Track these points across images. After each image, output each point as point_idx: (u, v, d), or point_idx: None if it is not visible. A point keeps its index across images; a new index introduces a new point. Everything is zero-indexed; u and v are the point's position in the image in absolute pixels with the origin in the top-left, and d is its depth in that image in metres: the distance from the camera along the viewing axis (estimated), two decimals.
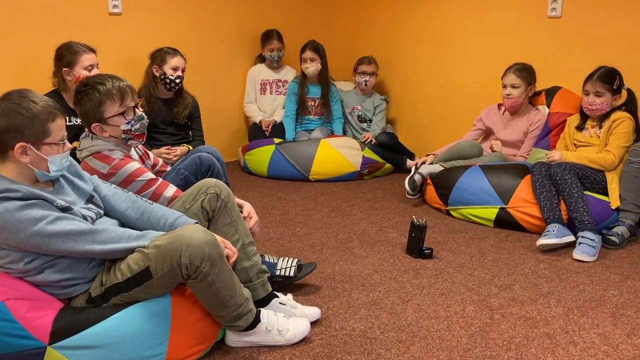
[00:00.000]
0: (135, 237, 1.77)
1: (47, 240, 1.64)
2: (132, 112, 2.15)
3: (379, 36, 4.83)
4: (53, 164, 1.73)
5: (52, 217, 1.65)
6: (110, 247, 1.73)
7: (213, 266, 1.72)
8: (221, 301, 1.80)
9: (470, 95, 4.23)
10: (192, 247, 1.68)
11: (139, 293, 1.76)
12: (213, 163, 2.57)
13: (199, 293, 1.80)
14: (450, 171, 3.45)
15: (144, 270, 1.72)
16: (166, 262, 1.69)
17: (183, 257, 1.68)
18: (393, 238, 3.01)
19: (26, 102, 1.68)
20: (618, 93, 3.10)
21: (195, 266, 1.69)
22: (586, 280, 2.52)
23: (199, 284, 1.74)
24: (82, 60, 2.96)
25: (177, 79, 3.53)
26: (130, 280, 1.74)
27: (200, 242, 1.69)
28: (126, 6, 3.92)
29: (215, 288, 1.77)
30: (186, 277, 1.72)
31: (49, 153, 1.72)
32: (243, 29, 4.60)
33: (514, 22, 3.92)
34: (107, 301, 1.77)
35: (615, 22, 3.44)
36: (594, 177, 3.05)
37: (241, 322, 1.88)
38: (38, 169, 1.72)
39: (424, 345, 1.99)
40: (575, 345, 1.99)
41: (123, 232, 1.77)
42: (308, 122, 4.54)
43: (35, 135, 1.69)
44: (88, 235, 1.69)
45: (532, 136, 3.60)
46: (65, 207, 1.72)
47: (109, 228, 1.76)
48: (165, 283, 1.75)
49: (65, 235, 1.66)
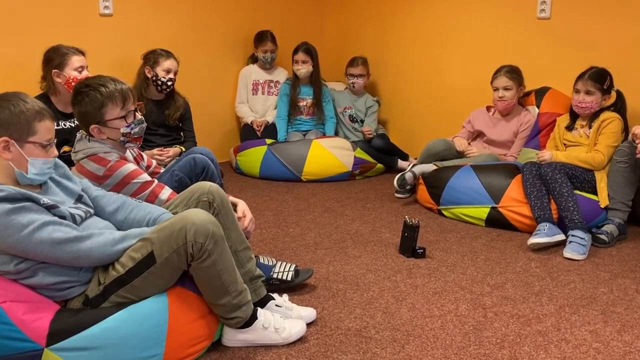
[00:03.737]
0: (119, 238, 1.76)
1: (33, 248, 1.65)
2: (133, 115, 2.16)
3: (370, 37, 4.85)
4: (33, 166, 1.73)
5: (38, 223, 1.64)
6: (96, 255, 1.72)
7: (216, 245, 1.76)
8: (223, 285, 1.82)
9: (461, 96, 4.26)
10: (196, 225, 1.72)
11: (141, 283, 1.75)
12: (207, 165, 2.57)
13: (201, 277, 1.80)
14: (442, 171, 3.47)
15: (147, 255, 1.73)
16: (171, 243, 1.72)
17: (188, 234, 1.71)
18: (386, 238, 3.03)
19: (17, 100, 1.71)
20: (608, 93, 3.15)
21: (200, 244, 1.72)
22: (577, 279, 2.56)
23: (202, 264, 1.76)
24: (72, 62, 2.94)
25: (169, 81, 3.53)
26: (132, 270, 1.74)
27: (204, 221, 1.74)
28: (117, 7, 3.91)
29: (218, 270, 1.79)
30: (190, 258, 1.74)
31: (32, 153, 1.72)
32: (235, 29, 4.60)
33: (503, 23, 3.96)
34: (106, 299, 1.77)
35: (604, 24, 3.48)
36: (584, 176, 3.09)
37: (240, 313, 1.88)
38: (18, 168, 1.72)
39: (418, 343, 2.01)
40: (567, 343, 2.02)
41: (105, 241, 1.75)
42: (300, 123, 4.55)
43: (20, 132, 1.70)
44: (74, 244, 1.68)
45: (522, 136, 3.64)
46: (51, 206, 1.72)
47: (93, 235, 1.73)
48: (168, 269, 1.76)
49: (50, 243, 1.65)
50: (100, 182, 2.08)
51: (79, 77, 2.88)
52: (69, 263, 1.72)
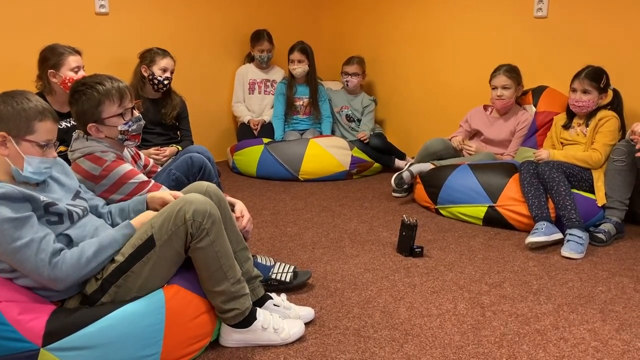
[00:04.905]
0: (92, 255, 1.73)
1: (17, 264, 1.65)
2: (130, 113, 2.15)
3: (366, 36, 4.85)
4: (29, 164, 1.72)
5: (26, 240, 1.62)
6: (72, 279, 1.71)
7: (214, 225, 1.80)
8: (221, 269, 1.83)
9: (458, 95, 4.26)
10: (195, 204, 1.77)
11: (140, 269, 1.76)
12: (204, 163, 2.56)
13: (200, 260, 1.81)
14: (440, 170, 3.47)
15: (147, 239, 1.76)
16: (170, 225, 1.76)
17: (187, 214, 1.75)
18: (383, 237, 3.03)
19: (21, 97, 1.72)
20: (604, 92, 3.15)
21: (199, 222, 1.76)
22: (575, 277, 2.55)
23: (200, 244, 1.78)
24: (68, 62, 2.92)
25: (166, 80, 3.51)
26: (132, 255, 1.76)
27: (202, 201, 1.80)
28: (113, 6, 3.90)
29: (216, 251, 1.81)
30: (190, 238, 1.77)
31: (28, 152, 1.72)
32: (231, 28, 4.59)
33: (500, 22, 3.96)
34: (105, 291, 1.76)
35: (601, 22, 3.49)
36: (581, 175, 3.09)
37: (238, 305, 1.87)
38: (15, 165, 1.72)
39: (417, 343, 2.00)
40: (566, 341, 2.02)
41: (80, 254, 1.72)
42: (297, 122, 4.54)
43: (18, 129, 1.70)
44: (51, 269, 1.65)
45: (519, 135, 3.64)
46: (49, 203, 1.72)
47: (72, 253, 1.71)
48: (167, 255, 1.77)
49: (34, 262, 1.64)
50: (97, 181, 2.07)
51: (75, 77, 2.86)
52: (45, 284, 1.70)
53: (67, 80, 2.86)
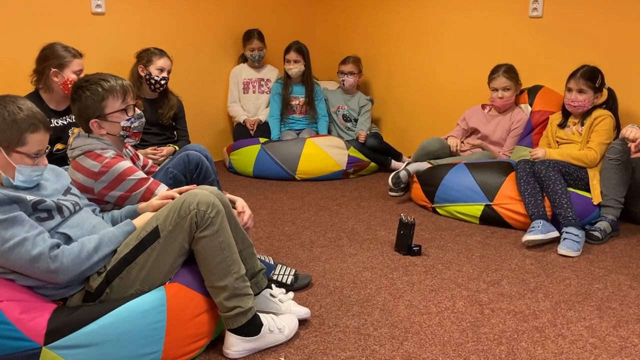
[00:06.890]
0: (92, 250, 1.74)
1: (12, 264, 1.65)
2: (132, 109, 2.17)
3: (362, 36, 4.86)
4: (21, 173, 1.72)
5: (18, 239, 1.62)
6: (73, 272, 1.71)
7: (218, 215, 1.82)
8: (225, 262, 1.82)
9: (454, 94, 4.28)
10: (199, 196, 1.81)
11: (144, 261, 1.77)
12: (201, 161, 2.56)
13: (203, 251, 1.81)
14: (436, 169, 3.48)
15: (152, 231, 1.78)
16: (175, 215, 1.78)
17: (192, 204, 1.79)
18: (381, 236, 3.04)
19: (12, 106, 1.68)
20: (600, 91, 3.18)
21: (203, 211, 1.79)
22: (571, 275, 2.57)
23: (204, 233, 1.79)
24: (72, 64, 2.91)
25: (162, 80, 3.51)
26: (136, 246, 1.78)
27: (206, 193, 1.84)
28: (109, 6, 3.89)
29: (220, 242, 1.82)
30: (195, 228, 1.78)
31: (19, 162, 1.71)
32: (227, 28, 4.59)
33: (495, 22, 3.98)
34: (109, 283, 1.77)
35: (596, 22, 3.51)
36: (577, 173, 3.11)
37: (241, 303, 1.84)
38: (5, 174, 1.71)
39: (417, 340, 2.01)
40: (564, 338, 2.04)
41: (80, 248, 1.73)
42: (293, 122, 4.55)
43: (9, 141, 1.68)
44: (49, 261, 1.65)
45: (515, 134, 3.66)
46: (37, 202, 1.71)
47: (64, 252, 1.70)
48: (171, 247, 1.78)
49: (28, 260, 1.64)
50: (96, 178, 2.06)
51: (76, 80, 2.86)
52: (45, 279, 1.70)
53: (69, 81, 2.86)
